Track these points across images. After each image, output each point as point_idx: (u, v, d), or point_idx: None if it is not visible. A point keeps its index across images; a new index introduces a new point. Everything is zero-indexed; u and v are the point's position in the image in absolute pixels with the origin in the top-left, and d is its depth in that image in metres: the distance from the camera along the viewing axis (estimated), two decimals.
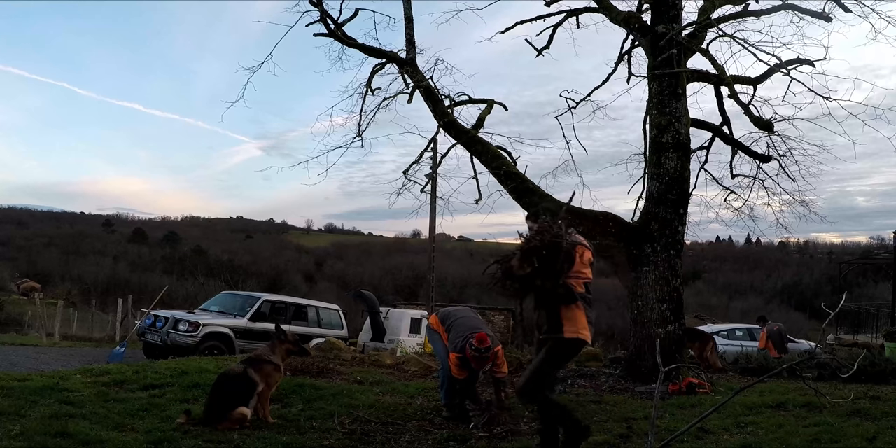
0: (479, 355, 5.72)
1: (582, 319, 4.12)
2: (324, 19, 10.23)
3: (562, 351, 4.21)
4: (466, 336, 5.76)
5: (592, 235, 8.67)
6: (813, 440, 4.76)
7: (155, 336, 12.36)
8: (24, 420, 4.80)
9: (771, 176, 10.61)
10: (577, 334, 4.10)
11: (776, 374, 6.96)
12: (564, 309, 4.11)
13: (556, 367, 4.34)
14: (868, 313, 23.85)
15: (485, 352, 5.72)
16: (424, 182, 12.19)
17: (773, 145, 10.26)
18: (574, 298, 4.07)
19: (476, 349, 5.69)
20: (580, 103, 11.23)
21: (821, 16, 8.51)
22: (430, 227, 24.41)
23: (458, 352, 5.81)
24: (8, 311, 29.84)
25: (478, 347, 5.69)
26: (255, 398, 5.20)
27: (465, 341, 5.75)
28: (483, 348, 5.70)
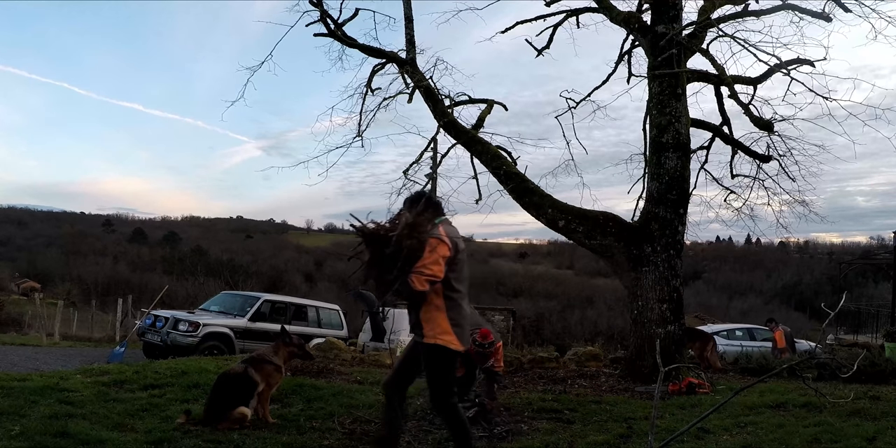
0: (483, 351, 5.70)
1: (442, 323, 3.74)
2: (324, 19, 10.23)
3: (429, 357, 3.81)
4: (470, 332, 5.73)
5: (593, 235, 8.68)
6: (813, 440, 4.76)
7: (155, 336, 12.36)
8: (24, 420, 4.80)
9: (771, 176, 10.62)
10: (434, 339, 3.74)
11: (776, 374, 6.96)
12: (424, 310, 3.79)
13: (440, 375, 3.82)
14: (868, 313, 23.84)
15: (488, 347, 5.70)
16: (424, 182, 12.19)
17: (773, 145, 10.26)
18: (413, 295, 3.70)
19: (480, 345, 5.67)
20: (580, 103, 11.24)
21: (821, 16, 8.51)
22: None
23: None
24: (8, 311, 29.82)
25: (481, 342, 5.67)
26: (255, 398, 5.20)
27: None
28: (486, 344, 5.69)
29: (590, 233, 8.71)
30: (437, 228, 3.79)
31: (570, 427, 5.62)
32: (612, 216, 8.83)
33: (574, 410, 6.30)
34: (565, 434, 5.27)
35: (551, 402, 6.60)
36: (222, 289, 30.48)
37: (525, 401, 6.68)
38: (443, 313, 3.76)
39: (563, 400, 6.76)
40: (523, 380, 8.22)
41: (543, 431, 5.37)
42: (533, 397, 6.85)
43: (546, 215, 8.99)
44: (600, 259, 9.45)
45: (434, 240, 3.70)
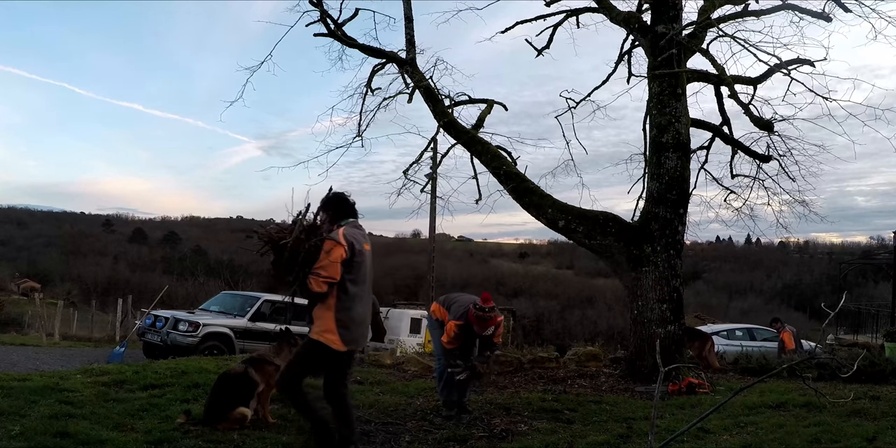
0: (483, 314, 5.63)
1: (328, 322, 3.86)
2: (324, 19, 10.23)
3: (306, 350, 4.00)
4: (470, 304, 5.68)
5: (593, 235, 8.68)
6: (813, 440, 4.76)
7: (155, 336, 12.36)
8: (24, 420, 4.80)
9: (771, 176, 10.62)
10: (318, 336, 3.89)
11: (776, 374, 6.96)
12: (317, 307, 3.91)
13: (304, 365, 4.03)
14: (868, 313, 23.83)
15: (489, 311, 5.66)
16: (424, 182, 12.20)
17: (773, 145, 10.26)
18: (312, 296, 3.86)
19: (480, 308, 5.62)
20: (580, 103, 11.23)
21: (821, 16, 8.51)
22: (430, 227, 24.44)
23: (460, 319, 5.74)
24: (8, 311, 29.81)
25: (482, 306, 5.62)
26: (255, 398, 5.20)
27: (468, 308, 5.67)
28: (488, 308, 5.64)
29: (590, 233, 8.71)
30: (336, 231, 3.90)
31: (570, 427, 5.62)
32: (612, 216, 8.83)
33: (574, 410, 6.31)
34: (565, 434, 5.27)
35: (551, 402, 6.60)
36: (222, 289, 30.48)
37: (525, 401, 6.68)
38: (331, 313, 3.87)
39: (563, 400, 6.76)
40: (523, 380, 8.21)
41: (543, 431, 5.37)
42: (533, 397, 6.85)
43: (546, 215, 8.99)
44: (600, 259, 9.44)
45: (329, 242, 3.83)
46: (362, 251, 3.94)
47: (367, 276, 4.05)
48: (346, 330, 3.89)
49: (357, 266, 3.91)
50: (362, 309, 4.02)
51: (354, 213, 4.17)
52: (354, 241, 3.89)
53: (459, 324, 5.78)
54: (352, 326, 3.92)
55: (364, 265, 3.98)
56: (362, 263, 3.96)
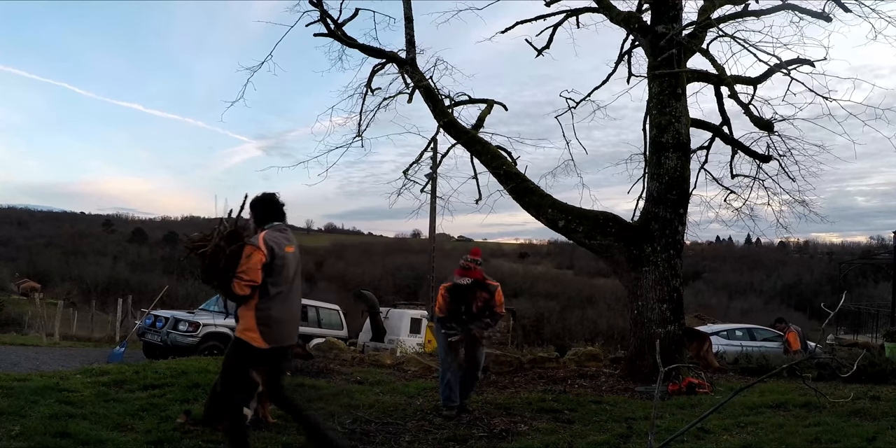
0: (465, 264, 5.74)
1: (250, 321, 4.00)
2: (324, 19, 10.23)
3: (233, 349, 4.15)
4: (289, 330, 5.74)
5: (593, 235, 8.69)
6: (813, 440, 4.76)
7: (155, 336, 12.35)
8: (24, 420, 4.80)
9: (771, 176, 10.61)
10: (241, 334, 4.04)
11: (776, 374, 6.96)
12: (241, 308, 4.08)
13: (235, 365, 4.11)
14: (868, 313, 23.84)
15: (471, 262, 5.74)
16: (424, 182, 12.21)
17: (773, 145, 10.25)
18: (236, 298, 4.02)
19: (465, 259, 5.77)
20: (580, 103, 11.23)
21: (821, 16, 8.51)
22: (430, 227, 24.44)
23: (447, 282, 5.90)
24: (8, 311, 29.80)
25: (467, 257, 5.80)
26: (255, 398, 5.19)
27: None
28: (470, 259, 5.75)
29: (590, 233, 8.71)
30: (257, 235, 4.04)
31: (570, 427, 5.62)
32: (612, 216, 8.83)
33: (574, 410, 6.31)
34: (565, 434, 5.27)
35: (551, 402, 6.60)
36: None
37: (525, 401, 6.68)
38: (252, 312, 4.01)
39: (563, 400, 6.77)
40: (523, 380, 8.22)
41: (543, 431, 5.37)
42: (533, 397, 6.86)
43: (546, 215, 8.99)
44: (600, 259, 9.45)
45: (249, 248, 3.98)
46: (283, 254, 4.07)
47: (292, 276, 4.19)
48: (268, 328, 4.02)
49: (278, 269, 4.04)
50: (286, 308, 4.16)
51: (280, 216, 4.28)
52: (275, 245, 4.02)
53: (447, 286, 5.94)
54: (273, 325, 4.04)
55: (286, 267, 4.10)
56: (283, 266, 4.08)
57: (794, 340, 14.04)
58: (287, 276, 4.12)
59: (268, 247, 3.98)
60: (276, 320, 4.06)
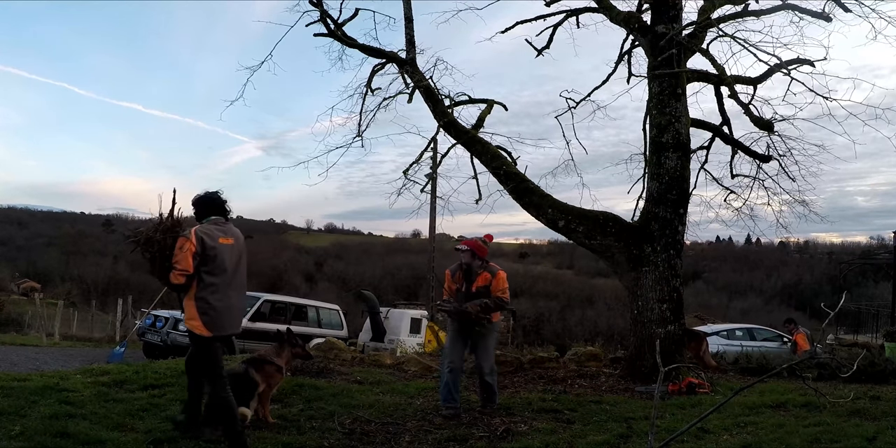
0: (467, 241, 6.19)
1: (191, 310, 4.28)
2: (324, 19, 10.23)
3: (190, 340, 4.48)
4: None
5: (593, 235, 8.69)
6: (813, 440, 4.76)
7: (155, 336, 12.37)
8: (24, 420, 4.80)
9: (771, 176, 10.60)
10: (187, 324, 4.35)
11: (776, 374, 6.96)
12: (184, 299, 4.35)
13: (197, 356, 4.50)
14: (868, 313, 23.84)
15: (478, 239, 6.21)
16: (424, 182, 12.19)
17: (773, 145, 10.25)
18: (174, 287, 4.34)
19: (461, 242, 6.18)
20: (580, 103, 11.22)
21: (821, 16, 8.51)
22: (430, 227, 24.49)
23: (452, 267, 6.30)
24: (8, 311, 29.80)
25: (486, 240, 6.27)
26: (255, 398, 5.20)
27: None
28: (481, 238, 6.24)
29: (590, 233, 8.71)
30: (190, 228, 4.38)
31: (570, 427, 5.62)
32: (612, 216, 8.82)
33: (574, 410, 6.31)
34: (565, 434, 5.27)
35: (551, 402, 6.60)
36: None
37: (525, 401, 6.68)
38: (192, 301, 4.29)
39: (563, 400, 6.76)
40: (523, 380, 8.22)
41: (543, 431, 5.37)
42: (533, 397, 6.85)
43: (546, 215, 8.99)
44: (600, 259, 9.44)
45: (181, 239, 4.30)
46: (216, 245, 4.33)
47: (230, 267, 4.42)
48: (207, 316, 4.27)
49: (211, 258, 4.29)
50: (224, 297, 4.37)
51: (220, 212, 4.58)
52: (205, 236, 4.31)
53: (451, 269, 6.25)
54: (211, 313, 4.28)
55: (220, 258, 4.34)
56: (216, 256, 4.32)
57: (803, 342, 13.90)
58: (223, 266, 4.35)
59: (198, 238, 4.26)
60: (215, 309, 4.29)
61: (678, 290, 8.34)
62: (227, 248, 4.41)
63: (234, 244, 4.49)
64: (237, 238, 4.55)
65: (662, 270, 8.24)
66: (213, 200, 4.59)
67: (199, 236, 4.28)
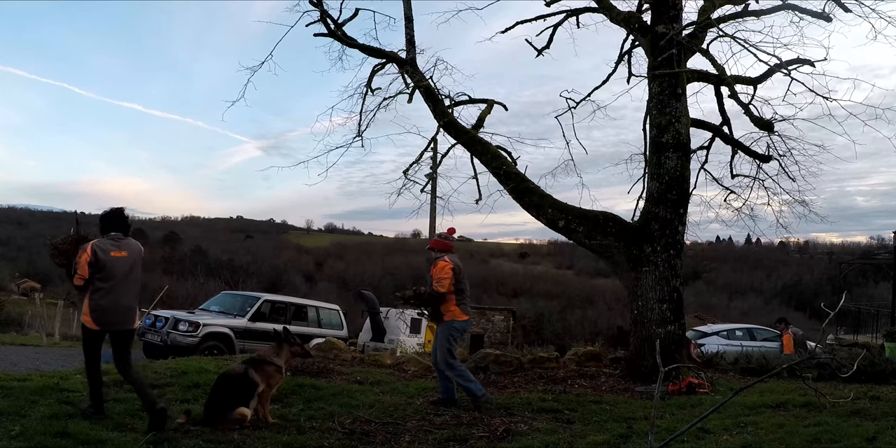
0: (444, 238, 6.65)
1: (85, 308, 5.18)
2: (324, 19, 10.23)
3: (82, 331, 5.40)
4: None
5: (593, 235, 8.69)
6: (813, 440, 4.76)
7: (155, 336, 12.35)
8: (24, 420, 4.80)
9: (771, 176, 10.60)
10: (82, 318, 5.27)
11: (776, 374, 6.96)
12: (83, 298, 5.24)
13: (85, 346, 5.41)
14: (868, 313, 23.82)
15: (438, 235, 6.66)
16: (424, 182, 12.18)
17: (773, 145, 10.25)
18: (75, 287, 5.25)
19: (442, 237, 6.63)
20: (580, 103, 11.23)
21: (821, 16, 8.51)
22: (430, 227, 24.38)
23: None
24: (8, 311, 29.78)
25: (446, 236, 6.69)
26: (255, 398, 5.20)
27: None
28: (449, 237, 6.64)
29: (590, 233, 8.71)
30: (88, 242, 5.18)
31: (570, 427, 5.62)
32: (612, 216, 8.83)
33: (574, 410, 6.31)
34: (565, 434, 5.27)
35: (551, 402, 6.60)
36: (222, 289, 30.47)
37: (525, 401, 6.68)
38: (87, 301, 5.18)
39: (563, 400, 6.76)
40: (523, 380, 8.22)
41: (543, 431, 5.37)
42: (533, 397, 6.85)
43: (546, 215, 8.99)
44: (600, 259, 9.44)
45: (81, 250, 5.15)
46: (108, 258, 5.13)
47: (121, 275, 5.20)
48: (96, 314, 5.14)
49: (103, 267, 5.10)
50: (113, 299, 5.17)
51: (119, 228, 5.34)
52: (99, 249, 5.11)
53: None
54: (99, 311, 5.14)
55: (110, 267, 5.13)
56: (107, 266, 5.11)
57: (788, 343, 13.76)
58: (113, 274, 5.15)
59: (92, 250, 5.08)
60: (103, 308, 5.13)
61: (678, 290, 8.34)
62: (119, 260, 5.20)
63: (126, 256, 5.26)
64: (131, 251, 5.31)
65: (662, 270, 8.24)
66: (114, 218, 5.37)
67: (94, 249, 5.09)
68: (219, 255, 74.92)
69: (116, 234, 5.30)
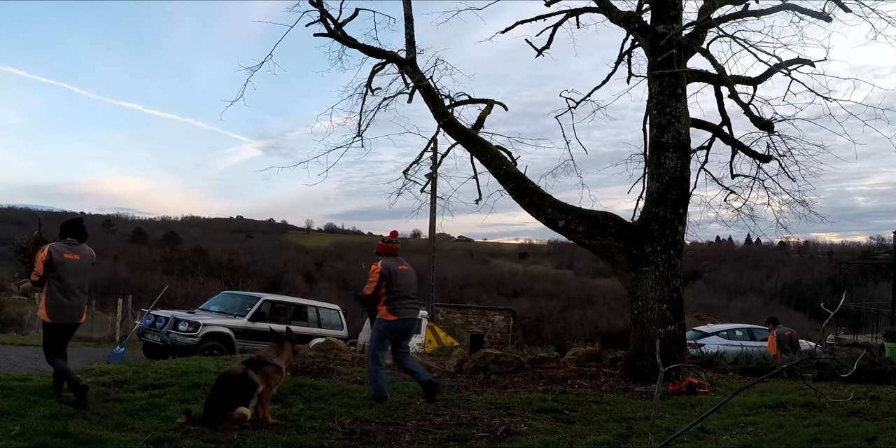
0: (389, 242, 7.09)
1: (42, 303, 5.95)
2: (324, 19, 10.23)
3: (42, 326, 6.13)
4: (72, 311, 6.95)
5: (593, 235, 8.69)
6: (813, 440, 4.76)
7: (155, 336, 12.35)
8: (24, 420, 4.80)
9: (771, 176, 10.60)
10: (39, 312, 6.06)
11: (776, 374, 6.96)
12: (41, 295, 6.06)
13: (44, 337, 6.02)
14: (868, 313, 23.83)
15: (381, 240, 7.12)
16: (424, 182, 12.20)
17: (773, 145, 10.25)
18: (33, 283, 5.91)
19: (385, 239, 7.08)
20: (580, 103, 11.23)
21: (821, 16, 8.51)
22: (430, 227, 24.49)
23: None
24: (8, 311, 29.76)
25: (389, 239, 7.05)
26: (255, 399, 5.20)
27: None
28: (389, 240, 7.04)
29: (590, 233, 8.71)
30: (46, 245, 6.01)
31: (570, 427, 5.62)
32: (612, 216, 8.83)
33: (574, 410, 6.31)
34: (565, 434, 5.27)
35: (551, 402, 6.60)
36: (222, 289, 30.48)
37: (525, 401, 6.68)
38: (44, 297, 5.91)
39: (563, 400, 6.76)
40: (523, 380, 8.22)
41: (543, 431, 5.37)
42: (533, 397, 6.85)
43: (546, 215, 8.99)
44: (600, 259, 9.44)
45: (39, 251, 5.96)
46: (62, 259, 5.83)
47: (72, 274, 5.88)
48: (51, 308, 5.81)
49: (56, 267, 5.79)
50: (65, 296, 5.85)
51: (76, 235, 6.05)
52: (54, 251, 5.82)
53: None
54: (53, 306, 5.82)
55: (63, 268, 5.82)
56: (59, 267, 5.81)
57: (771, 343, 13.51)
58: (65, 273, 5.83)
59: (48, 252, 5.80)
60: (56, 304, 5.82)
61: (678, 290, 8.34)
62: (71, 262, 5.88)
63: (78, 259, 5.96)
64: (84, 255, 6.03)
65: (662, 270, 8.24)
66: (72, 226, 6.09)
67: (51, 251, 5.80)
68: (219, 255, 74.90)
69: (72, 240, 6.01)
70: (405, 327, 6.73)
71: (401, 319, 6.64)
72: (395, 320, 6.60)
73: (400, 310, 6.64)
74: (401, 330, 6.70)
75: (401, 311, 6.64)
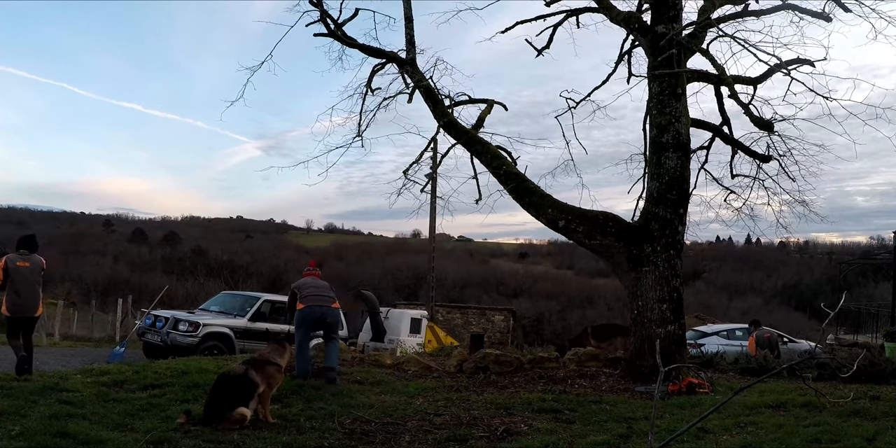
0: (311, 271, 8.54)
1: (2, 301, 7.55)
2: (324, 19, 10.22)
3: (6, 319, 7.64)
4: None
5: (593, 235, 8.69)
6: (813, 440, 4.76)
7: (155, 336, 12.36)
8: (24, 420, 4.81)
9: (771, 176, 10.58)
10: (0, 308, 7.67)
11: (776, 374, 6.96)
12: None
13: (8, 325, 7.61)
14: (868, 313, 23.83)
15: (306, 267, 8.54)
16: (424, 182, 12.19)
17: (773, 145, 10.24)
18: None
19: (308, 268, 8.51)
20: (580, 103, 11.21)
21: (821, 16, 8.51)
22: (430, 227, 24.49)
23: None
24: None
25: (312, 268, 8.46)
26: (255, 399, 5.20)
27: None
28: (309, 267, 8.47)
29: (590, 233, 8.71)
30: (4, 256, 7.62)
31: (570, 427, 5.62)
32: (612, 216, 8.82)
33: (574, 410, 6.31)
34: (565, 434, 5.27)
35: (551, 402, 6.60)
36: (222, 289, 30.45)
37: (525, 401, 6.68)
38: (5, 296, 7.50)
39: (563, 400, 6.77)
40: (523, 380, 8.22)
41: (543, 431, 5.37)
42: (533, 397, 6.85)
43: (546, 215, 8.99)
44: (600, 259, 9.44)
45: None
46: (15, 267, 7.45)
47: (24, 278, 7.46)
48: (9, 305, 7.46)
49: (11, 274, 7.40)
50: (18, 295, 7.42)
51: (27, 247, 7.66)
52: (9, 260, 7.47)
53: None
54: (10, 304, 7.45)
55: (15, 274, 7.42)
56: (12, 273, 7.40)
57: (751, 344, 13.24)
58: (19, 278, 7.43)
59: (5, 261, 7.44)
60: (12, 301, 7.44)
61: (678, 290, 8.34)
62: (23, 268, 7.48)
63: (28, 266, 7.54)
64: (33, 263, 7.61)
65: (662, 270, 8.24)
66: (25, 241, 7.76)
67: (6, 260, 7.47)
68: (219, 255, 74.84)
69: (24, 251, 7.63)
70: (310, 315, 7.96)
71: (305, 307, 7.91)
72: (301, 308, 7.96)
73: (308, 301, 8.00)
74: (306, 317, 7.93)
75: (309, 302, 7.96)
